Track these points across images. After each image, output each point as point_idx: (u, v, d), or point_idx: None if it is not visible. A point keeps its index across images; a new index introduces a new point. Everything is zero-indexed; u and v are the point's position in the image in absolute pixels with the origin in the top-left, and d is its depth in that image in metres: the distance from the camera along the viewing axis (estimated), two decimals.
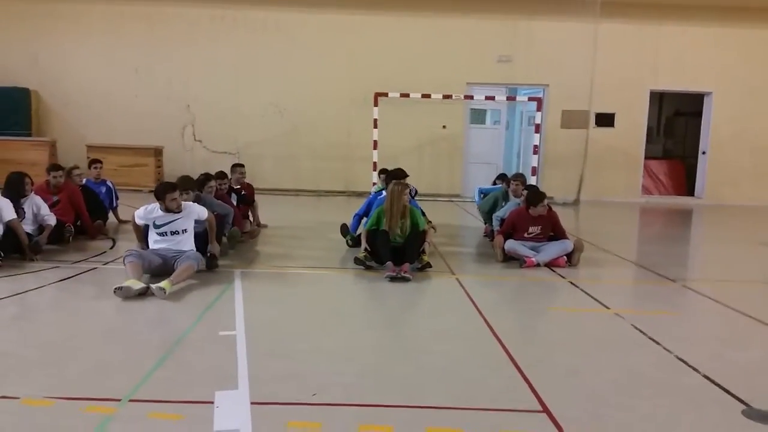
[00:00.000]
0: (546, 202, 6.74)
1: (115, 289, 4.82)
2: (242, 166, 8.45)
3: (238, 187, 8.17)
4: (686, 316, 5.29)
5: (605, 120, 13.75)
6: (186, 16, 13.31)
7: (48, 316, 4.66)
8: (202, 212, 5.87)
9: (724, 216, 12.52)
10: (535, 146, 12.24)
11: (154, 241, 5.66)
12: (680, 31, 13.52)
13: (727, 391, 3.42)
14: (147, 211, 5.67)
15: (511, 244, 6.67)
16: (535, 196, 6.77)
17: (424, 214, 7.54)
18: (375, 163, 11.77)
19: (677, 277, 6.43)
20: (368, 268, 6.15)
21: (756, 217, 12.27)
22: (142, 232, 5.87)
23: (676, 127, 16.56)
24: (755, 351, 4.25)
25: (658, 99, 15.79)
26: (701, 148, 14.44)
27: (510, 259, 6.69)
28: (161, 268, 5.43)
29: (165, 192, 5.58)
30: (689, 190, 14.91)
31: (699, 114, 14.50)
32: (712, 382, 3.56)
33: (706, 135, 14.30)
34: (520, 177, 7.93)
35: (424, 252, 6.30)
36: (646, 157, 14.41)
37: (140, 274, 5.12)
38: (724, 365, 3.86)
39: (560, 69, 13.38)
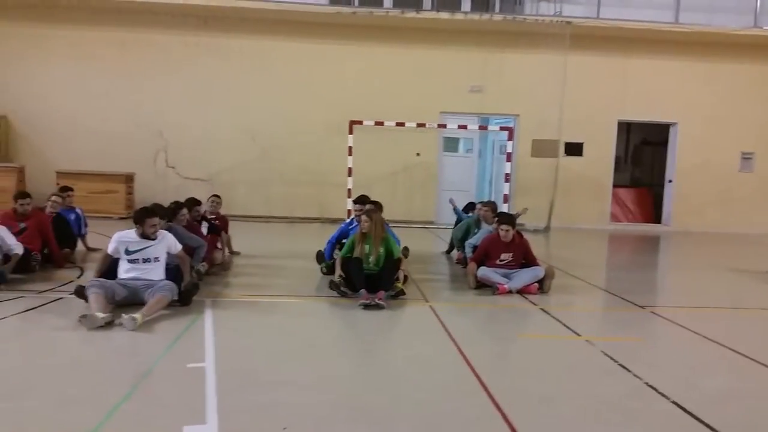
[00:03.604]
0: (509, 227, 6.79)
1: (80, 317, 4.70)
2: (218, 196, 8.45)
3: (213, 216, 8.09)
4: (655, 343, 5.36)
5: (574, 149, 14.05)
6: (159, 41, 13.28)
7: (10, 348, 4.48)
8: (175, 245, 5.74)
9: (690, 243, 12.81)
10: (507, 174, 12.43)
11: (125, 270, 5.51)
12: (646, 64, 13.96)
13: (698, 419, 3.46)
14: (121, 235, 5.56)
15: (484, 272, 6.72)
16: (507, 216, 6.95)
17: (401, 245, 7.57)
18: (350, 190, 11.80)
19: (646, 304, 6.53)
20: (342, 294, 6.11)
21: (720, 244, 12.57)
22: (107, 264, 5.64)
23: (643, 156, 16.98)
24: (723, 378, 4.31)
25: (626, 129, 16.21)
26: (667, 176, 14.82)
27: (483, 286, 6.73)
28: (128, 299, 5.29)
29: (145, 217, 5.49)
30: (656, 218, 15.24)
31: (665, 143, 14.93)
32: (683, 409, 3.60)
33: (672, 164, 14.70)
34: (489, 204, 8.08)
35: (398, 279, 6.30)
36: (615, 186, 14.72)
37: (104, 306, 4.97)
38: (693, 392, 3.91)
39: (530, 99, 13.68)
